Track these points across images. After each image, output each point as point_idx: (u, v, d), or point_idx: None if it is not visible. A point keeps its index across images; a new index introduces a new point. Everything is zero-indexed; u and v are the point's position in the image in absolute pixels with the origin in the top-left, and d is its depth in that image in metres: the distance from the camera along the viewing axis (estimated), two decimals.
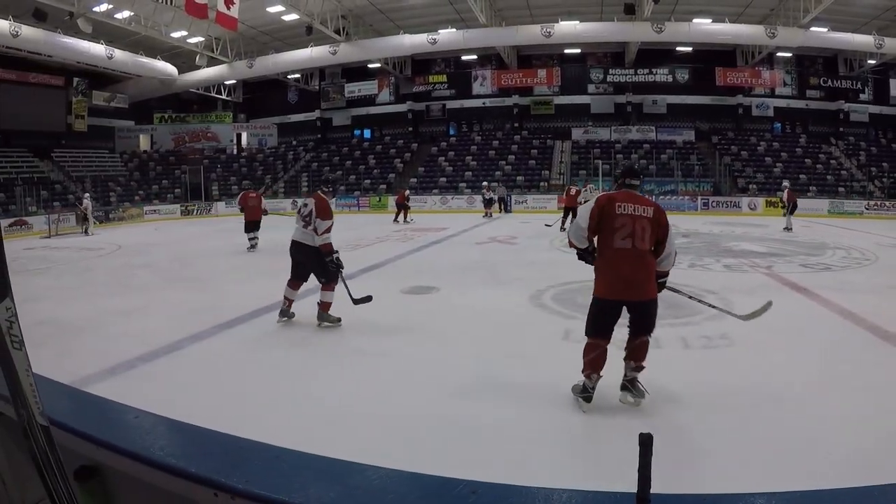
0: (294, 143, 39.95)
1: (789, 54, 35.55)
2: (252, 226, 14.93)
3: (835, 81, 36.22)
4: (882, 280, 10.94)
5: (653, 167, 32.93)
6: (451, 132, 38.20)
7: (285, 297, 7.07)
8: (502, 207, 29.14)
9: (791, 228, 19.09)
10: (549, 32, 29.03)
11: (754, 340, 6.47)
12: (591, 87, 36.37)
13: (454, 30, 30.59)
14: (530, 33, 29.84)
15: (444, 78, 37.31)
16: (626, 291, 4.19)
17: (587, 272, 8.82)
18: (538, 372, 5.40)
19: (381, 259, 12.40)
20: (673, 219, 15.88)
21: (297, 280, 7.08)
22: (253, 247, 14.67)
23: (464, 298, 8.54)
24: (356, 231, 18.76)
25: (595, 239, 4.33)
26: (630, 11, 27.56)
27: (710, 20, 29.99)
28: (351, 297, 6.96)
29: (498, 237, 17.36)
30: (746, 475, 3.29)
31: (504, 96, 37.32)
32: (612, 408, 4.47)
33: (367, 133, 39.37)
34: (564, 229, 18.11)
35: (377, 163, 36.09)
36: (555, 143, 35.57)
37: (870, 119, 36.88)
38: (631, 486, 1.10)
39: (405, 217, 23.52)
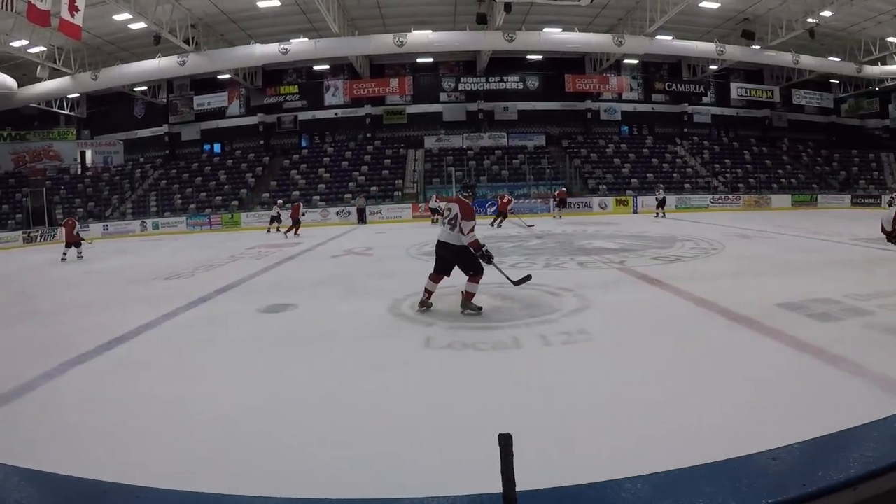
0: (141, 160, 39.35)
1: (636, 61, 39.32)
2: (68, 245, 19.11)
3: (679, 86, 40.62)
4: (729, 267, 12.19)
5: (505, 172, 35.44)
6: (304, 144, 39.13)
7: (426, 290, 8.22)
8: (361, 218, 30.50)
9: (557, 218, 26.27)
10: (402, 42, 30.69)
11: (613, 333, 7.10)
12: (443, 96, 38.62)
13: (306, 39, 31.69)
14: (383, 43, 31.37)
15: (295, 89, 38.19)
16: None
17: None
18: (400, 382, 5.57)
19: (236, 278, 12.51)
20: (526, 221, 19.29)
21: (438, 274, 8.18)
22: (62, 260, 18.44)
23: (322, 313, 8.80)
24: (209, 250, 19.08)
25: None
26: (482, 21, 29.55)
27: (560, 29, 32.88)
28: (510, 279, 8.39)
29: (354, 249, 17.84)
30: (615, 462, 3.39)
31: (356, 106, 38.80)
32: (477, 410, 4.66)
33: (217, 147, 39.57)
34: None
35: (228, 178, 36.20)
36: (408, 152, 37.38)
37: (712, 120, 41.93)
38: (498, 486, 1.18)
39: (296, 231, 24.66)
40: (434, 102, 38.82)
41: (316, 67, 38.35)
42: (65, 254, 19.01)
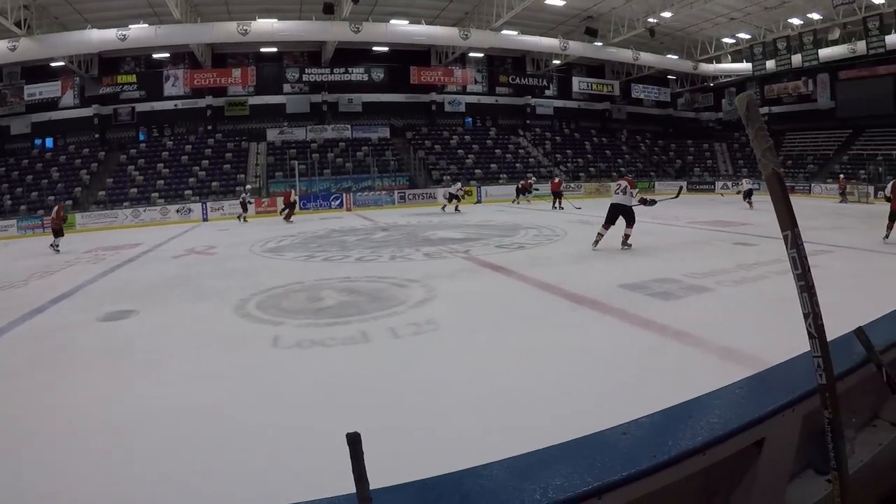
0: None
1: (481, 54, 42.02)
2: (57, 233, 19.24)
3: (523, 79, 43.83)
4: (571, 252, 13.14)
5: (349, 165, 36.91)
6: (142, 137, 38.31)
7: (599, 234, 13.29)
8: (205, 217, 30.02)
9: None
10: (246, 30, 31.17)
11: (461, 321, 7.53)
12: (286, 87, 39.56)
13: (146, 25, 31.01)
14: (226, 31, 31.48)
15: (133, 78, 37.05)
16: None
17: (289, 277, 10.87)
18: (248, 386, 5.58)
19: (73, 285, 12.08)
20: (371, 214, 22.45)
21: (607, 225, 13.20)
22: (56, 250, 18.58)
23: (164, 318, 8.66)
24: (43, 256, 18.15)
25: None
26: (329, 11, 30.35)
27: (407, 21, 34.54)
28: (670, 198, 14.47)
29: (196, 248, 17.73)
30: (472, 450, 3.11)
31: (197, 97, 38.40)
32: (328, 409, 4.86)
33: (49, 142, 37.45)
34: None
35: (61, 175, 34.35)
36: (250, 146, 38.08)
37: (554, 112, 45.67)
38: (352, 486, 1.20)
39: (289, 216, 26.81)
40: (277, 94, 39.36)
41: (155, 56, 37.55)
42: (55, 243, 19.19)
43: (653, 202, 13.39)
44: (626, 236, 13.18)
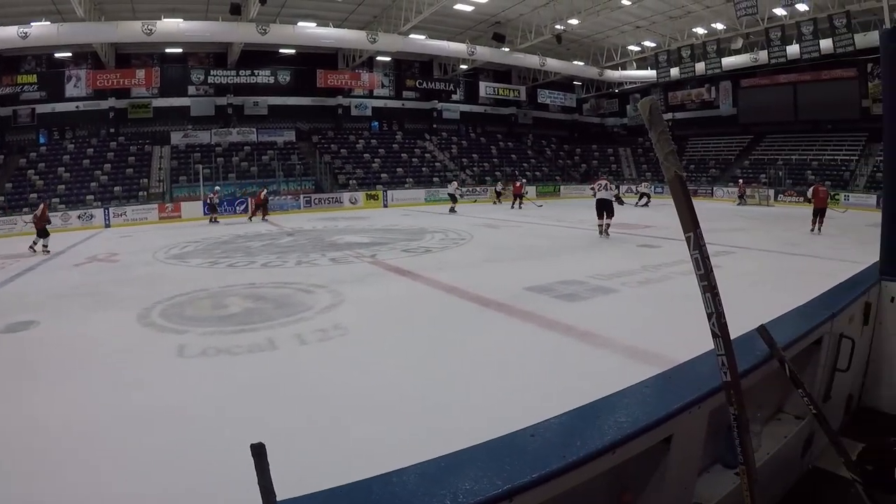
0: None
1: (388, 58, 42.92)
2: (41, 233, 18.71)
3: (430, 83, 45.12)
4: (478, 255, 13.62)
5: (254, 169, 36.99)
6: (42, 140, 36.79)
7: (599, 225, 16.68)
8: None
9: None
10: (151, 30, 30.71)
11: (368, 326, 7.72)
12: (191, 89, 39.28)
13: (49, 23, 30.22)
14: (131, 30, 30.93)
15: (34, 78, 35.65)
16: None
17: (194, 284, 10.74)
18: (155, 397, 5.57)
19: None
20: (276, 219, 23.12)
21: (600, 217, 16.60)
22: (34, 251, 18.44)
23: (67, 329, 8.53)
24: None
25: None
26: (236, 12, 30.55)
27: (315, 24, 34.98)
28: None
29: (98, 256, 17.48)
30: (384, 456, 2.96)
31: (100, 99, 37.60)
32: (235, 420, 4.88)
33: None
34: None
35: None
36: (153, 149, 37.49)
37: (461, 116, 47.16)
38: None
39: (264, 215, 28.63)
40: (182, 96, 39.35)
41: (58, 55, 36.64)
42: (34, 243, 18.91)
43: (622, 202, 16.39)
44: (608, 226, 16.85)
